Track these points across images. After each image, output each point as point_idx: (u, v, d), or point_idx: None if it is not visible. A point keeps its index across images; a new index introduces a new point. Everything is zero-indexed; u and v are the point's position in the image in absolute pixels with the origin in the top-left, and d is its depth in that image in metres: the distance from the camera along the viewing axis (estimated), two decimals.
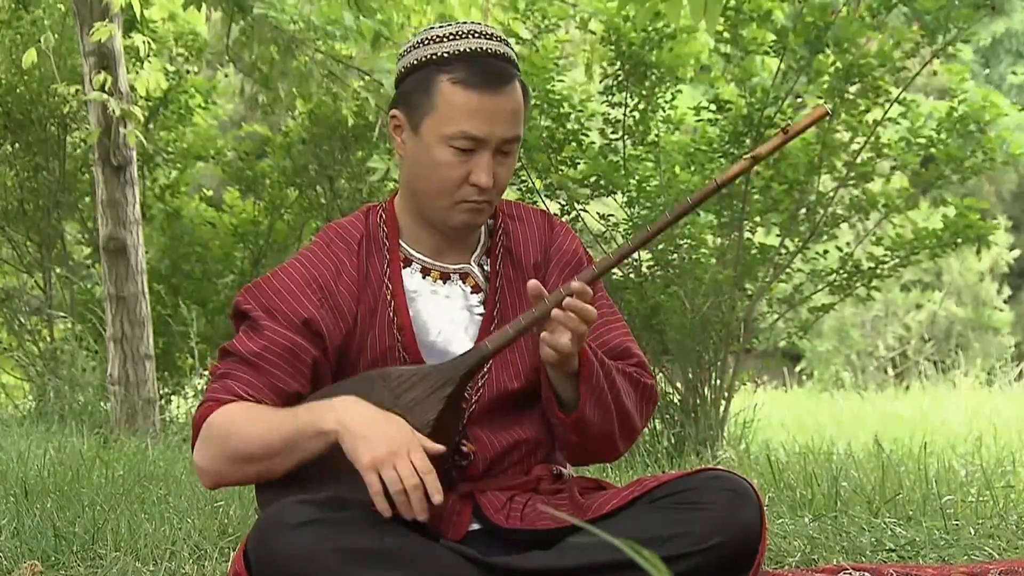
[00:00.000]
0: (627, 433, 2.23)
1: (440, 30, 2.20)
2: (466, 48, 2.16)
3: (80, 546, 3.06)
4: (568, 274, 2.31)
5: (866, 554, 3.04)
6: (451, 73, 2.15)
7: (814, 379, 15.41)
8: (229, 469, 2.14)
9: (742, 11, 5.49)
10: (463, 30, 2.19)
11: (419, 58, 2.19)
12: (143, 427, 6.21)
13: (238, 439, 2.11)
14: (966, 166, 5.75)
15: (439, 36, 2.18)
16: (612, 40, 5.55)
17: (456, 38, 2.18)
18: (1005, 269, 18.52)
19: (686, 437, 5.45)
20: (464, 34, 2.18)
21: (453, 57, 2.16)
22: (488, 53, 2.17)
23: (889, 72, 5.54)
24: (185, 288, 8.04)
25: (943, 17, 5.45)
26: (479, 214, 2.22)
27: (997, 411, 8.11)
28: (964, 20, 5.46)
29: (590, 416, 2.14)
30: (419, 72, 2.18)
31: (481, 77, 2.14)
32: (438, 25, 2.23)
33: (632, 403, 2.22)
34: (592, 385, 2.13)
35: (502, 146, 2.17)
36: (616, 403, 2.18)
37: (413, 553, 2.00)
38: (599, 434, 2.18)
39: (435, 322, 2.25)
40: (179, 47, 8.24)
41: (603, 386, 2.15)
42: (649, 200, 5.55)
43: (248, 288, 2.25)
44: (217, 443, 2.13)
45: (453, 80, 2.14)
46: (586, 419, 2.15)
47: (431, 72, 2.16)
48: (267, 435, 2.09)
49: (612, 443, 2.22)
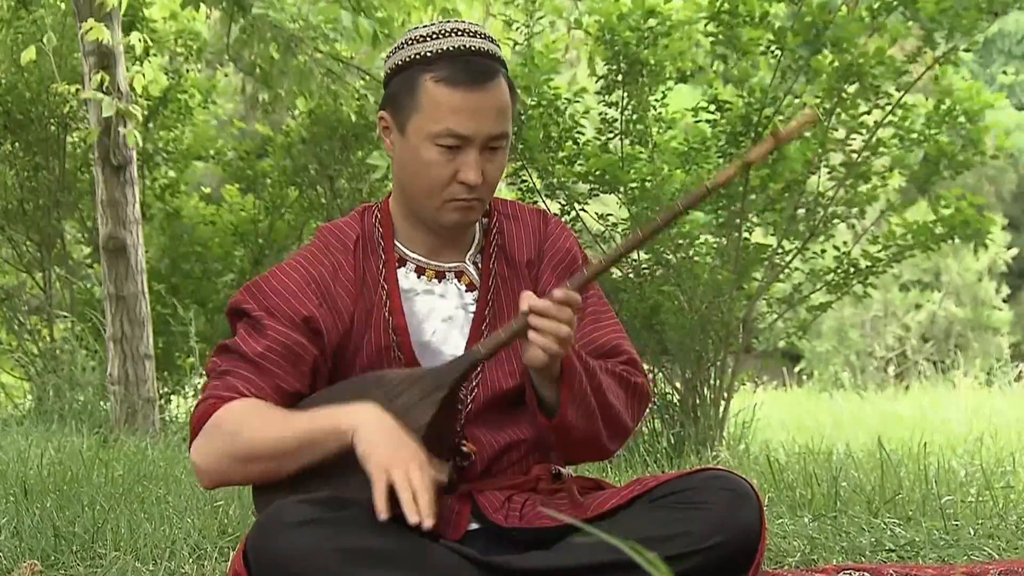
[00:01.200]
0: (616, 433, 2.23)
1: (424, 30, 2.20)
2: (449, 46, 2.16)
3: (80, 546, 3.06)
4: (561, 272, 2.31)
5: (866, 554, 3.04)
6: (434, 72, 2.15)
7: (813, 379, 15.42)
8: (233, 468, 2.13)
9: (738, 13, 5.49)
10: (446, 29, 2.19)
11: (403, 58, 2.19)
12: (143, 427, 6.21)
13: (248, 437, 2.10)
14: (958, 160, 5.74)
15: (423, 36, 2.19)
16: (606, 39, 5.54)
17: (439, 37, 2.18)
18: (1003, 269, 18.54)
19: (685, 437, 5.45)
20: (447, 33, 2.18)
21: (436, 56, 2.16)
22: (471, 51, 2.17)
23: (888, 74, 5.53)
24: (185, 287, 8.04)
25: (946, 21, 5.45)
26: (470, 212, 2.22)
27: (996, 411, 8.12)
28: (967, 28, 5.45)
29: (572, 421, 2.14)
30: (404, 72, 2.19)
31: (464, 75, 2.14)
32: (422, 25, 2.23)
33: (621, 403, 2.22)
34: (574, 391, 2.12)
35: (489, 143, 2.17)
36: (601, 406, 2.17)
37: (413, 553, 2.00)
38: (582, 438, 2.18)
39: (430, 322, 2.26)
40: (179, 46, 8.24)
41: (586, 391, 2.14)
42: (649, 197, 5.55)
43: (247, 287, 2.25)
44: (223, 441, 2.12)
45: (436, 79, 2.15)
46: (567, 424, 2.14)
47: (415, 72, 2.17)
48: (279, 433, 2.09)
49: (598, 444, 2.21)
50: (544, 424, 2.16)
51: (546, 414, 2.16)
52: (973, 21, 5.46)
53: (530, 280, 2.32)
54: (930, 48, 5.59)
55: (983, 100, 5.69)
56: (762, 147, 2.10)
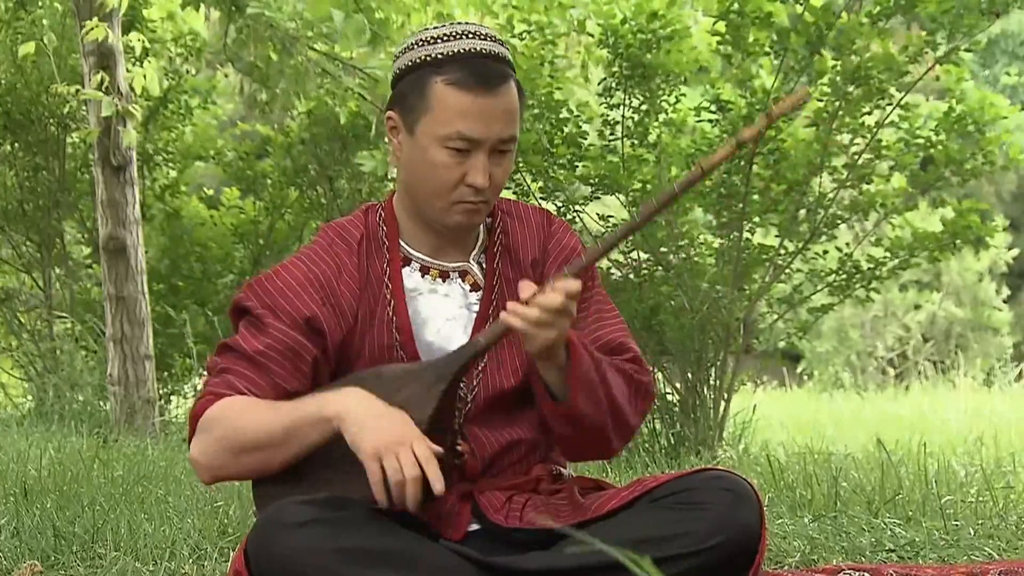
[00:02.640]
0: (621, 429, 2.22)
1: (435, 31, 2.20)
2: (460, 49, 2.16)
3: (80, 546, 3.06)
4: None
5: (866, 554, 3.05)
6: (445, 74, 2.15)
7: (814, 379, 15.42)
8: (227, 461, 2.13)
9: (744, 13, 5.48)
10: (457, 31, 2.19)
11: (414, 59, 2.19)
12: (143, 427, 6.22)
13: (238, 428, 2.11)
14: (965, 168, 5.74)
15: (434, 37, 2.19)
16: (609, 42, 5.54)
17: (450, 39, 2.18)
18: (1004, 269, 18.55)
19: (685, 437, 5.45)
20: (459, 35, 2.18)
21: (447, 58, 2.16)
22: (482, 54, 2.17)
23: (892, 76, 5.53)
24: (185, 288, 8.04)
25: (948, 23, 5.45)
26: (476, 214, 2.22)
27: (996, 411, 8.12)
28: (969, 27, 5.45)
29: (582, 407, 2.13)
30: (414, 73, 2.18)
31: (475, 78, 2.14)
32: (433, 26, 2.23)
33: (625, 399, 2.22)
34: (582, 377, 2.11)
35: (498, 146, 2.17)
36: (608, 398, 2.17)
37: (413, 553, 2.00)
38: (591, 427, 2.17)
39: (434, 321, 2.26)
40: (178, 47, 8.24)
41: (594, 379, 2.14)
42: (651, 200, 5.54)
43: (250, 285, 2.25)
44: (216, 434, 2.12)
45: (447, 81, 2.15)
46: (578, 410, 2.13)
47: (426, 73, 2.17)
48: (268, 423, 2.09)
49: (605, 437, 2.20)
50: (553, 410, 2.15)
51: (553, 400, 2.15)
52: (975, 21, 5.46)
53: (534, 279, 2.31)
54: (931, 49, 5.58)
55: (995, 111, 5.69)
56: (755, 126, 2.10)
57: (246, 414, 2.12)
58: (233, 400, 2.14)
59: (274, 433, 2.09)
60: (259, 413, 2.11)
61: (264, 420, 2.10)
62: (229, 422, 2.12)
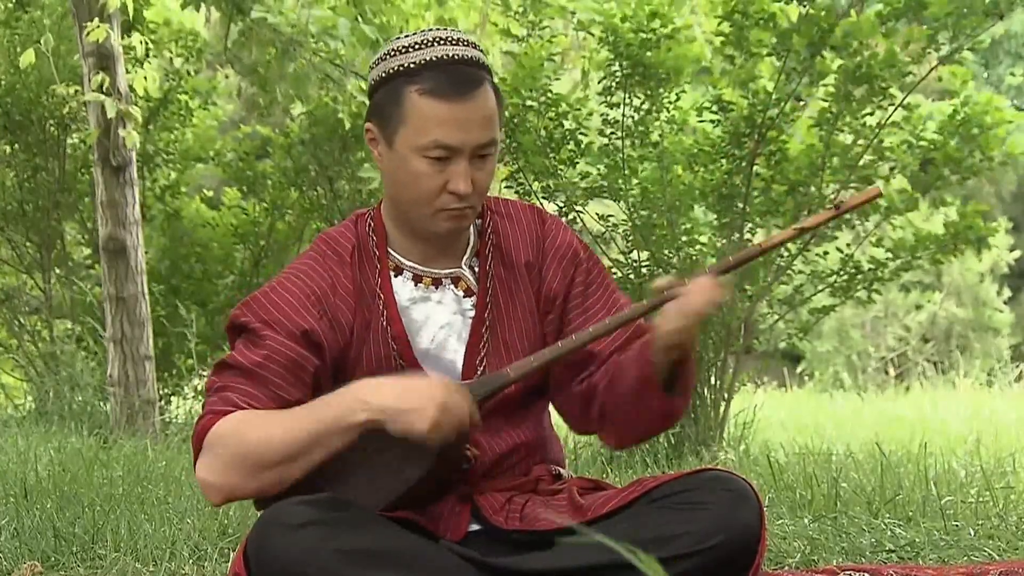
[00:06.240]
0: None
1: (406, 40, 2.18)
2: (432, 57, 2.15)
3: (80, 547, 3.06)
4: (566, 266, 2.32)
5: (866, 555, 3.05)
6: (419, 84, 2.13)
7: (814, 380, 15.42)
8: (244, 479, 2.07)
9: (748, 14, 5.48)
10: (428, 38, 2.17)
11: (387, 70, 2.18)
12: (143, 428, 6.21)
13: (254, 444, 2.05)
14: (965, 167, 5.74)
15: (405, 46, 2.17)
16: (610, 41, 5.54)
17: (422, 47, 2.16)
18: (1005, 270, 18.53)
19: (686, 437, 5.45)
20: (429, 42, 2.16)
21: (419, 67, 2.14)
22: (455, 60, 2.15)
23: (895, 75, 5.53)
24: (185, 289, 8.03)
25: (951, 24, 5.44)
26: (462, 219, 2.21)
27: (997, 412, 8.12)
28: (972, 28, 5.45)
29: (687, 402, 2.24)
30: (388, 84, 2.17)
31: (449, 85, 2.13)
32: (405, 35, 2.21)
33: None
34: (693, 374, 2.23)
35: (478, 151, 2.16)
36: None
37: (413, 554, 2.00)
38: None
39: (428, 329, 2.25)
40: (179, 48, 8.24)
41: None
42: (650, 204, 5.55)
43: (245, 302, 2.22)
44: (228, 452, 2.06)
45: (421, 91, 2.13)
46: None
47: (399, 84, 2.15)
48: (287, 435, 2.04)
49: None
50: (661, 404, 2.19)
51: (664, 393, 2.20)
52: (978, 21, 5.46)
53: (531, 281, 2.31)
54: (934, 49, 5.58)
55: (1000, 115, 5.68)
56: (821, 216, 2.23)
57: (259, 427, 2.07)
58: (240, 415, 2.09)
59: (296, 444, 2.04)
60: (273, 425, 2.06)
61: (281, 432, 2.05)
62: (242, 438, 2.06)
